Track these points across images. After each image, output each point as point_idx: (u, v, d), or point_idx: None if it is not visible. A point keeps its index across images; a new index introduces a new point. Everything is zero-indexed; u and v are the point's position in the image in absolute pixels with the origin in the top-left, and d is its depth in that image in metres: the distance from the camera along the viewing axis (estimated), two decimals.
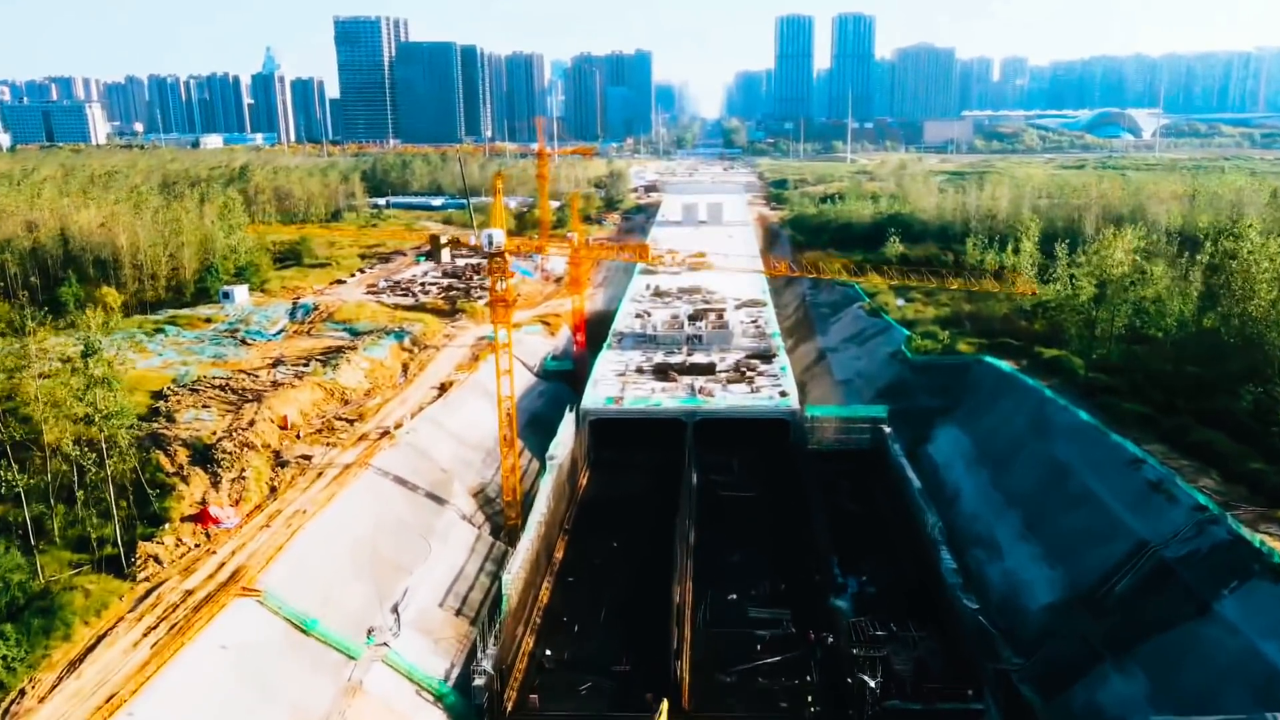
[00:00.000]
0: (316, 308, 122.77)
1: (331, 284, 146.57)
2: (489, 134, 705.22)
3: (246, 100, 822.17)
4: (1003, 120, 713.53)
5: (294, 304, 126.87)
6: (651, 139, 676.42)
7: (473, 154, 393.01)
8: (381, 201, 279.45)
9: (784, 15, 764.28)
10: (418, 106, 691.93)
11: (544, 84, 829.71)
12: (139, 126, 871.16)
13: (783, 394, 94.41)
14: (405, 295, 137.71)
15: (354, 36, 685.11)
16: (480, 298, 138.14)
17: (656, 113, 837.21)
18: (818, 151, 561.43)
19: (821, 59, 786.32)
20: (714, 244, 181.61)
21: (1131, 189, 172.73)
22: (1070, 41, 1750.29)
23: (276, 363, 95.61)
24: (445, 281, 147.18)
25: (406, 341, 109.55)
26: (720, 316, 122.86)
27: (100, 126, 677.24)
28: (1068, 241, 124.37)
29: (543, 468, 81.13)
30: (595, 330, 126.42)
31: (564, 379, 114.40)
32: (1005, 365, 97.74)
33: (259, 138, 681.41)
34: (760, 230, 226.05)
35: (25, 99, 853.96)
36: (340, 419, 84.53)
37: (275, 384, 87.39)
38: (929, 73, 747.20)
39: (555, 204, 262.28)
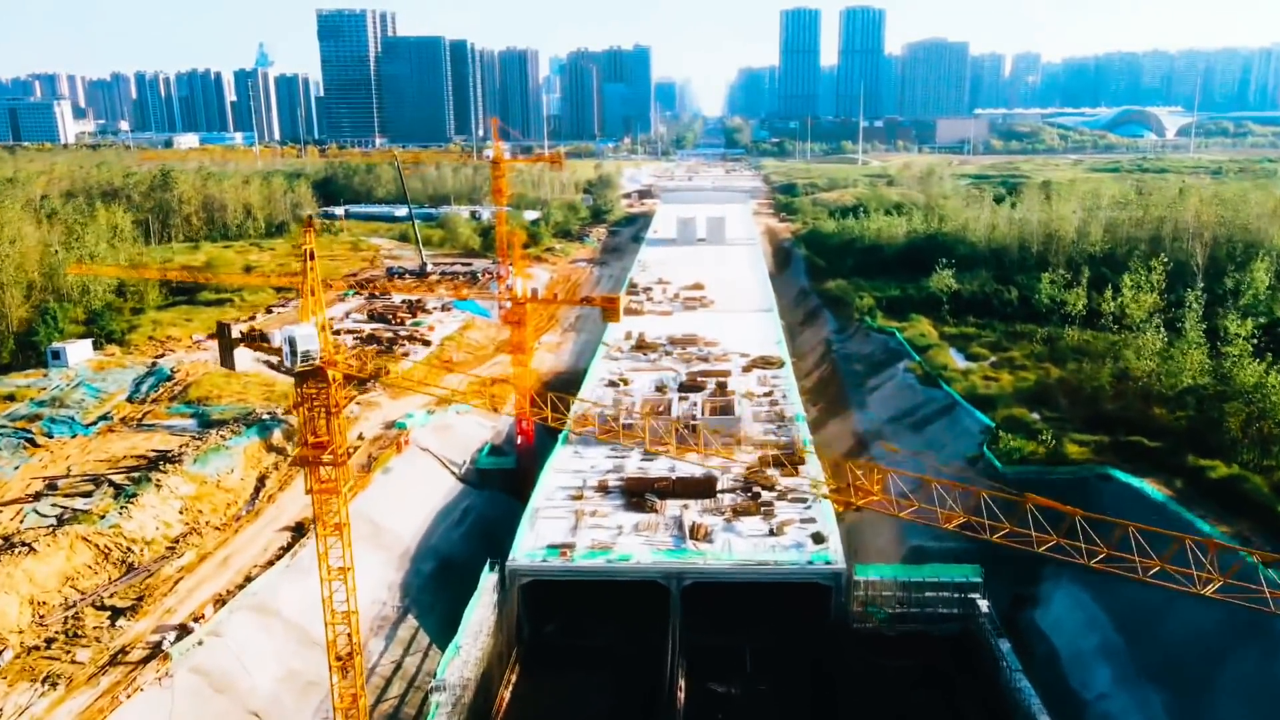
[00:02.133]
0: (173, 375, 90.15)
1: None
2: (481, 133, 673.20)
3: (230, 98, 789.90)
4: (1018, 119, 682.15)
5: (151, 367, 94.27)
6: (651, 138, 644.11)
7: (457, 159, 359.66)
8: (339, 211, 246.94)
9: (789, 8, 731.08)
10: (405, 104, 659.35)
11: (539, 81, 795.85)
12: (124, 125, 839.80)
13: (817, 538, 61.71)
14: None
15: (337, 30, 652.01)
16: (406, 352, 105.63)
17: (656, 111, 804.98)
18: (825, 152, 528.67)
19: (828, 55, 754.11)
20: (715, 270, 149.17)
21: (1229, 203, 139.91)
22: (1082, 37, 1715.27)
23: (44, 491, 62.96)
24: (368, 329, 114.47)
25: (277, 435, 76.92)
26: (723, 388, 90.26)
27: (69, 124, 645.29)
28: (1203, 290, 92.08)
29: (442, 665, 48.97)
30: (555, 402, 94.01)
31: (505, 482, 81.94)
32: (1150, 489, 65.25)
33: (238, 137, 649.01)
34: (769, 247, 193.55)
35: None
36: (105, 607, 52.02)
37: (7, 541, 54.80)
38: (940, 69, 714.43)
39: (532, 215, 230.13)
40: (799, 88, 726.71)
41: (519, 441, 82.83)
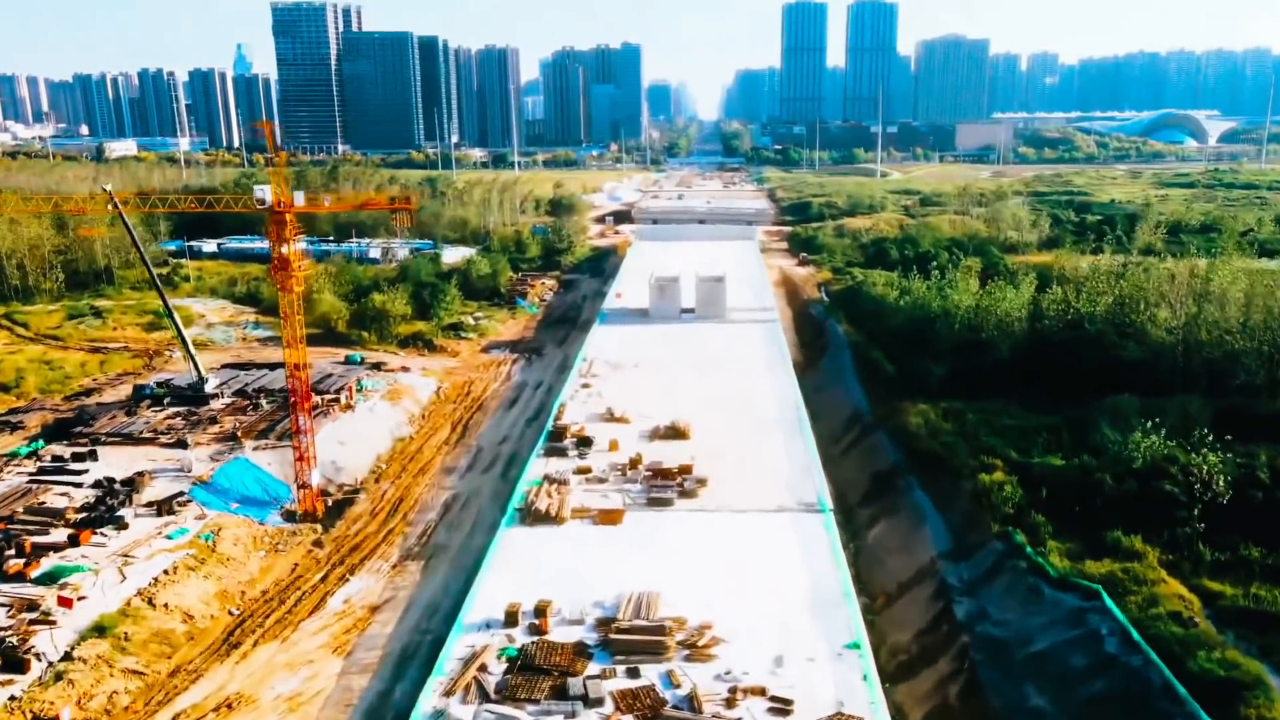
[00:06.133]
0: None
1: None
2: (455, 139, 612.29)
3: (184, 100, 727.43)
4: (1041, 123, 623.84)
5: None
6: (641, 144, 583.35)
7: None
8: (209, 247, 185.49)
9: (791, 2, 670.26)
10: (369, 107, 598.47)
11: (520, 81, 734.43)
12: (85, 129, 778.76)
13: None
14: None
15: (294, 26, 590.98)
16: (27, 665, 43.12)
17: (648, 114, 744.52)
18: (835, 160, 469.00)
19: (834, 55, 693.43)
20: (709, 383, 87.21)
21: None
22: (1097, 37, 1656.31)
23: None
24: None
25: None
26: None
27: None
28: None
29: None
30: None
31: None
32: None
33: (184, 142, 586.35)
34: (788, 309, 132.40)
35: None
36: None
37: None
38: (958, 69, 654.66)
39: (463, 253, 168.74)
40: (803, 89, 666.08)
41: None
